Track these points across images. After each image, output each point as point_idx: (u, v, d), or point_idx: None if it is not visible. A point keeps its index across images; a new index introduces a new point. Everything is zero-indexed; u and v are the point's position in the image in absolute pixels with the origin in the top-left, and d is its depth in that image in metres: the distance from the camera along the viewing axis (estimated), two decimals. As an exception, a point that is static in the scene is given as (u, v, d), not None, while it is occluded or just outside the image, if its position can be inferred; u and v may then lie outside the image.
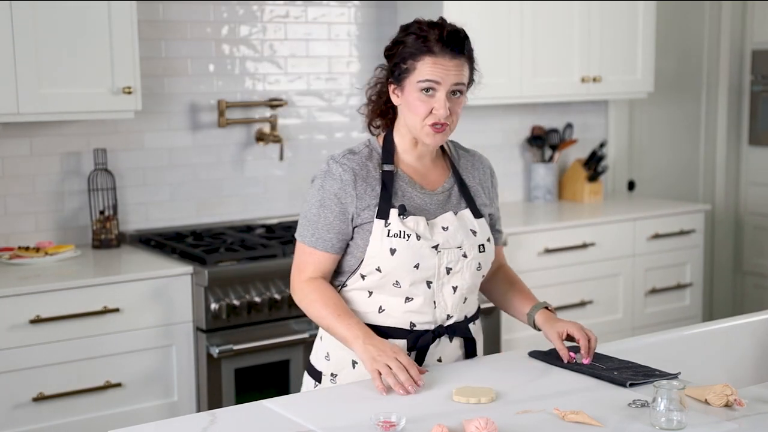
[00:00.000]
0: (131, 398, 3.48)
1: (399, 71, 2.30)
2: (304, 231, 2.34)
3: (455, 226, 2.34)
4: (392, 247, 2.27)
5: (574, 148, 5.22)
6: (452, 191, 2.40)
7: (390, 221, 2.29)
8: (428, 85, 2.25)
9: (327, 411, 2.07)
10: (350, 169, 2.31)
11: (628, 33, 4.92)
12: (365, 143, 2.40)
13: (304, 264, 2.35)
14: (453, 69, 2.27)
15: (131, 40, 3.63)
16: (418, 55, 2.26)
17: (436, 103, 2.26)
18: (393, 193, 2.32)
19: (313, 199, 2.33)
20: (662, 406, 1.94)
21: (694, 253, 4.96)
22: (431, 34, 2.27)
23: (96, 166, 3.89)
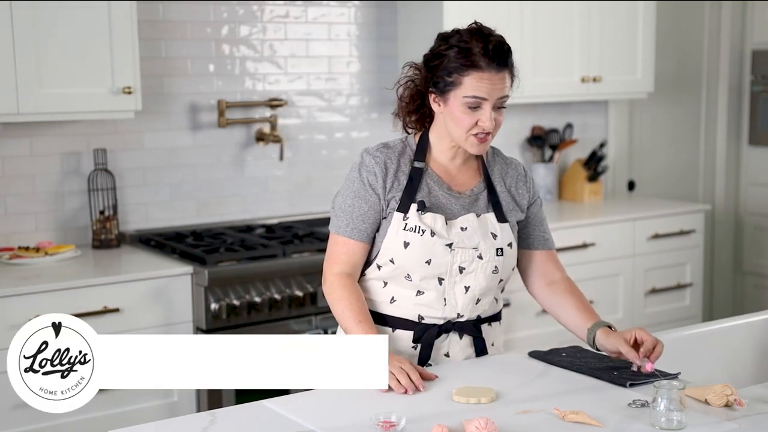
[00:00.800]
0: (131, 398, 3.48)
1: (443, 84, 2.30)
2: (338, 222, 2.38)
3: (474, 227, 2.36)
4: (406, 241, 2.32)
5: (574, 148, 5.22)
6: (480, 196, 2.42)
7: (408, 215, 2.33)
8: (475, 102, 2.27)
9: (327, 411, 2.07)
10: (382, 162, 2.35)
11: (628, 33, 4.92)
12: (401, 139, 2.44)
13: (337, 255, 2.37)
14: (498, 83, 2.28)
15: (131, 40, 3.63)
16: (464, 70, 2.26)
17: (483, 116, 2.28)
18: (418, 189, 2.36)
19: (347, 191, 2.38)
20: (662, 406, 1.94)
21: (694, 253, 4.96)
22: (475, 46, 2.27)
23: (96, 166, 3.89)
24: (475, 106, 2.27)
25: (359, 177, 2.36)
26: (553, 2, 4.63)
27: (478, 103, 2.27)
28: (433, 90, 2.33)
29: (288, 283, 3.67)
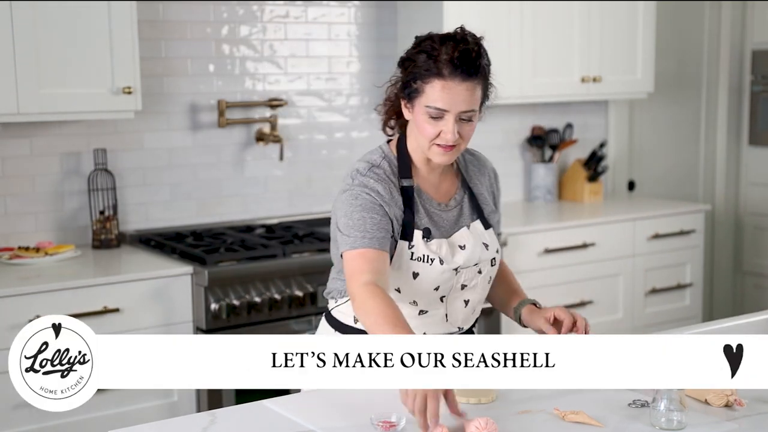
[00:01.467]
0: (131, 398, 3.48)
1: (410, 90, 2.22)
2: (352, 238, 2.20)
3: (471, 243, 2.32)
4: (415, 271, 2.26)
5: (574, 148, 5.22)
6: (463, 203, 2.37)
7: (414, 243, 2.25)
8: (436, 113, 2.18)
9: (327, 411, 2.07)
10: (381, 181, 2.24)
11: (628, 33, 4.92)
12: (380, 154, 2.31)
13: (358, 268, 2.17)
14: (462, 94, 2.17)
15: (131, 40, 3.63)
16: (427, 77, 2.17)
17: (444, 127, 2.19)
18: (415, 212, 2.27)
19: (350, 208, 2.22)
20: (662, 406, 1.94)
21: (694, 253, 4.96)
22: (442, 53, 2.16)
23: (96, 166, 3.89)
24: (437, 116, 2.18)
25: (360, 194, 2.22)
26: (553, 2, 4.63)
27: (440, 114, 2.17)
28: (404, 95, 2.25)
29: (288, 283, 3.67)
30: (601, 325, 4.59)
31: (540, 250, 4.39)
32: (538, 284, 4.38)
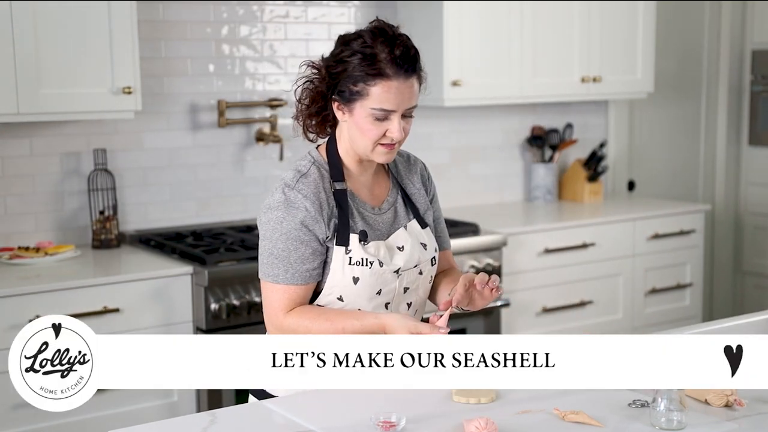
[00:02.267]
0: (131, 398, 3.48)
1: (348, 92, 2.15)
2: (273, 270, 2.17)
3: (410, 243, 2.28)
4: (355, 276, 2.20)
5: (574, 148, 5.22)
6: (397, 204, 2.33)
7: (351, 248, 2.20)
8: (382, 114, 2.13)
9: (327, 411, 2.07)
10: (311, 194, 2.17)
11: (628, 33, 4.92)
12: (309, 160, 2.25)
13: (279, 303, 2.17)
14: (407, 91, 2.14)
15: (131, 40, 3.63)
16: (370, 80, 2.12)
17: (391, 126, 2.14)
18: (350, 216, 2.22)
19: (275, 234, 2.16)
20: (662, 406, 1.94)
21: (694, 253, 4.96)
22: (381, 52, 2.12)
23: (96, 166, 3.89)
24: (382, 117, 2.13)
25: (286, 217, 2.15)
26: (553, 2, 4.63)
27: (386, 115, 2.13)
28: (337, 98, 2.18)
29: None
30: (601, 325, 4.59)
31: (540, 250, 4.39)
32: (538, 284, 4.38)
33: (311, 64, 2.25)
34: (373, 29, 2.18)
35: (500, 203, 4.97)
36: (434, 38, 4.33)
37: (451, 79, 4.31)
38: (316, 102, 2.24)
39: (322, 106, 2.24)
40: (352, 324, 2.14)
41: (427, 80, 2.25)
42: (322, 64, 2.23)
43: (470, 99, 4.44)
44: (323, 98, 2.23)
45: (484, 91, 4.45)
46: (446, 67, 4.30)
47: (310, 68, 2.24)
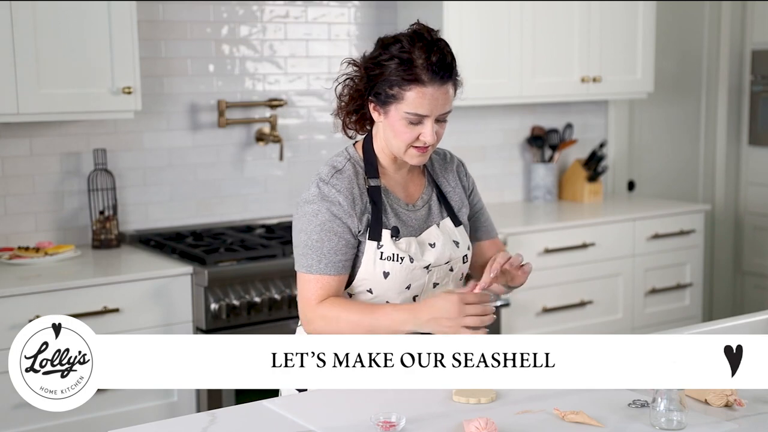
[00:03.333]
0: (131, 398, 3.48)
1: (384, 95, 2.19)
2: (308, 260, 2.22)
3: (442, 241, 2.31)
4: (386, 271, 2.24)
5: (574, 148, 5.22)
6: (431, 202, 2.36)
7: (383, 243, 2.24)
8: (417, 118, 2.17)
9: (327, 411, 2.07)
10: (344, 189, 2.23)
11: (628, 33, 4.92)
12: (345, 156, 2.30)
13: (314, 293, 2.22)
14: (441, 97, 2.18)
15: (131, 40, 3.63)
16: (405, 85, 2.15)
17: (424, 130, 2.18)
18: (383, 212, 2.26)
19: (310, 225, 2.22)
20: (662, 406, 1.94)
21: (693, 253, 4.96)
22: (418, 58, 2.16)
23: (96, 166, 3.89)
24: (416, 121, 2.17)
25: (321, 209, 2.21)
26: (553, 2, 4.63)
27: (420, 119, 2.17)
28: (373, 99, 2.22)
29: (288, 283, 3.67)
30: (601, 325, 4.59)
31: (540, 250, 4.39)
32: (538, 284, 4.38)
33: (352, 62, 2.29)
34: (412, 34, 2.22)
35: (500, 203, 4.96)
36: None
37: (451, 79, 4.31)
38: (355, 100, 2.29)
39: (360, 104, 2.29)
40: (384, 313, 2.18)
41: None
42: (361, 63, 2.26)
43: (469, 99, 4.36)
44: (362, 97, 2.27)
45: (484, 91, 4.45)
46: (446, 67, 4.30)
47: (351, 66, 2.28)
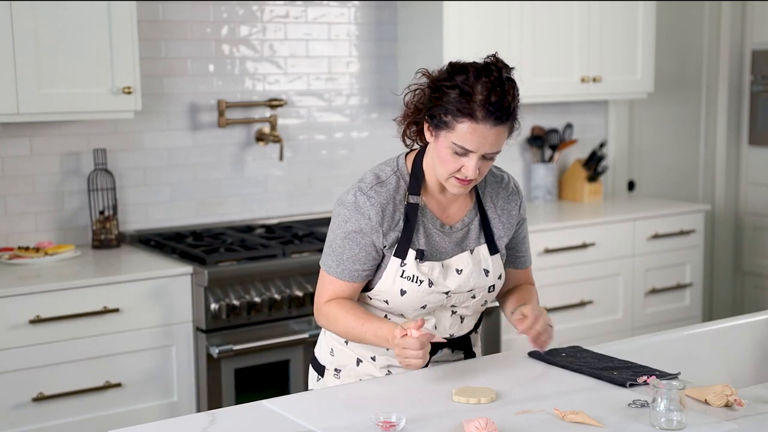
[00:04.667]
0: (131, 398, 3.48)
1: (438, 120, 2.17)
2: (328, 260, 2.30)
3: (470, 268, 2.31)
4: (403, 289, 2.27)
5: (574, 148, 5.22)
6: (471, 226, 2.35)
7: (406, 262, 2.26)
8: (462, 151, 2.16)
9: (327, 411, 2.07)
10: (378, 204, 2.24)
11: (628, 33, 4.92)
12: (393, 169, 2.30)
13: (326, 290, 2.32)
14: (491, 137, 2.14)
15: (131, 40, 3.63)
16: (459, 116, 2.13)
17: (467, 163, 2.17)
18: (414, 230, 2.27)
19: (338, 230, 2.28)
20: (662, 406, 1.94)
21: (693, 254, 4.96)
22: (478, 93, 2.12)
23: (96, 166, 3.89)
24: (462, 153, 2.16)
25: (351, 218, 2.25)
26: (553, 2, 4.63)
27: (465, 152, 2.16)
28: (429, 120, 2.21)
29: (288, 283, 3.67)
30: (600, 326, 4.60)
31: (540, 250, 4.39)
32: (538, 284, 4.32)
33: (426, 73, 2.27)
34: (482, 67, 2.18)
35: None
36: (434, 38, 4.33)
37: (451, 79, 4.31)
38: (419, 112, 2.27)
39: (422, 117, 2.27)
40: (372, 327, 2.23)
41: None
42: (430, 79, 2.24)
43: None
44: None
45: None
46: (446, 67, 4.30)
47: (424, 77, 2.27)
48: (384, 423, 1.91)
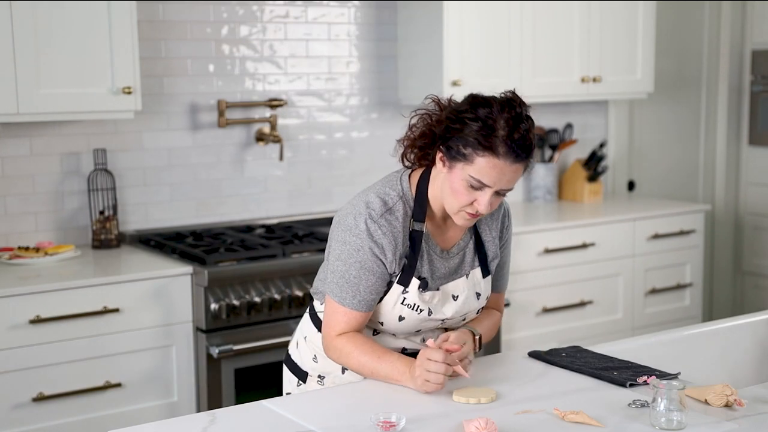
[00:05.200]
0: (131, 398, 3.48)
1: (455, 151, 2.15)
2: (343, 293, 2.24)
3: (465, 294, 2.32)
4: (402, 315, 2.28)
5: (574, 148, 5.22)
6: (466, 249, 2.35)
7: (408, 290, 2.26)
8: (478, 185, 2.15)
9: (327, 411, 2.07)
10: (390, 234, 2.21)
11: (628, 33, 4.92)
12: (398, 193, 2.26)
13: (337, 323, 2.26)
14: (509, 174, 2.14)
15: (131, 40, 3.63)
16: (480, 150, 2.11)
17: (481, 198, 2.16)
18: (419, 258, 2.26)
19: (351, 260, 2.22)
20: (662, 406, 1.95)
21: (693, 254, 4.96)
22: (500, 129, 2.11)
23: (96, 166, 3.89)
24: (477, 187, 2.15)
25: (364, 246, 2.21)
26: (553, 2, 4.63)
27: (481, 186, 2.15)
28: (443, 150, 2.18)
29: (288, 283, 3.68)
30: (600, 326, 4.60)
31: (540, 250, 4.40)
32: (537, 284, 4.39)
33: (437, 101, 2.27)
34: (503, 101, 2.18)
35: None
36: (434, 38, 4.33)
37: (451, 79, 4.31)
38: (425, 138, 2.27)
39: (428, 143, 2.26)
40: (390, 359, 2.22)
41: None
42: (445, 110, 2.24)
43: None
44: (432, 139, 2.24)
45: (483, 91, 4.43)
46: (446, 67, 4.30)
47: (434, 104, 2.27)
48: (384, 423, 1.92)
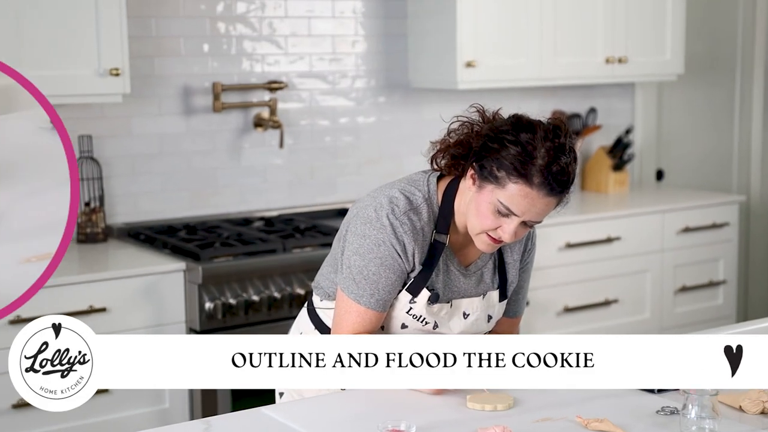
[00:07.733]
0: (119, 405, 3.49)
1: (488, 172, 2.16)
2: (360, 290, 2.24)
3: (477, 314, 2.34)
4: (405, 324, 2.30)
5: (597, 134, 5.21)
6: (485, 269, 2.36)
7: (416, 300, 2.27)
8: (505, 212, 2.16)
9: (329, 419, 2.07)
10: (412, 233, 2.22)
11: (657, 10, 4.90)
12: (424, 195, 2.27)
13: (350, 323, 2.26)
14: (540, 206, 2.15)
15: (119, 17, 3.63)
16: (515, 176, 2.12)
17: (506, 226, 2.17)
18: (435, 270, 2.27)
19: (370, 254, 2.23)
20: (693, 413, 1.94)
21: (727, 248, 4.95)
22: (540, 157, 2.11)
23: (81, 154, 3.89)
24: (504, 214, 2.16)
25: (386, 241, 2.21)
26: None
27: (508, 214, 2.15)
28: (476, 168, 2.19)
29: (288, 281, 3.68)
30: (626, 326, 4.59)
31: (561, 245, 4.39)
32: (559, 281, 4.38)
33: (482, 111, 2.29)
34: (548, 129, 2.18)
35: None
36: (446, 15, 4.32)
37: (464, 59, 4.30)
38: (461, 147, 2.27)
39: (462, 153, 2.26)
40: None
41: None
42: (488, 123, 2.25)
43: (485, 81, 4.43)
44: (468, 150, 2.25)
45: (500, 73, 4.44)
46: (459, 47, 4.29)
47: (479, 115, 2.29)
48: (393, 431, 1.91)
